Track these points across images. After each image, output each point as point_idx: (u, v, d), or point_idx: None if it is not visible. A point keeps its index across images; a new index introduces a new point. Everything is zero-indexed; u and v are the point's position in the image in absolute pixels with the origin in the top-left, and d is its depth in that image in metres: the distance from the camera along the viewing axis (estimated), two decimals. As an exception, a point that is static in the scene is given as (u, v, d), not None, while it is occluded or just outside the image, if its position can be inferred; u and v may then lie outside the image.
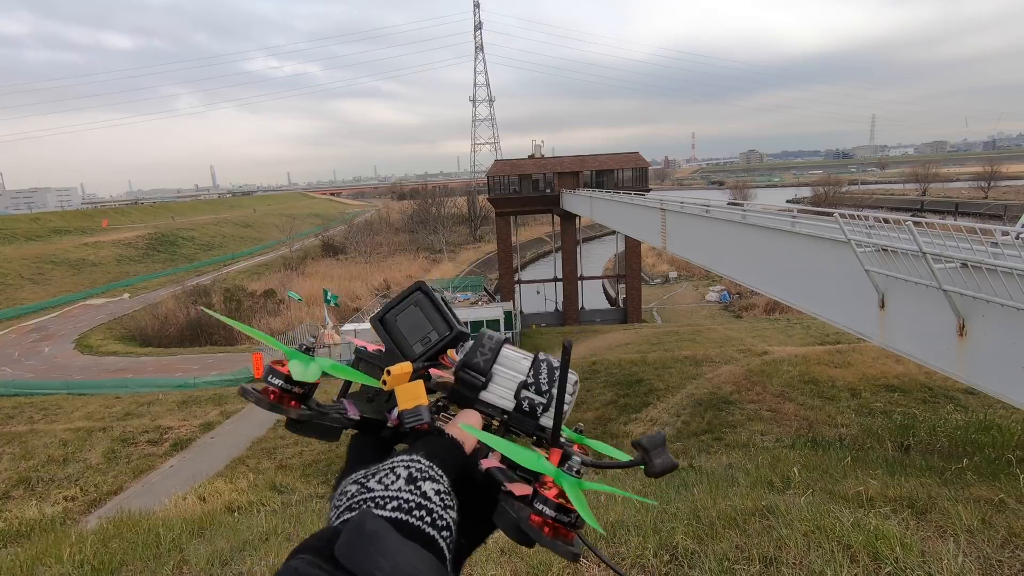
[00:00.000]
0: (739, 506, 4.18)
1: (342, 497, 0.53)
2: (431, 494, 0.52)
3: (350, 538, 0.44)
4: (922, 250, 6.29)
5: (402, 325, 0.73)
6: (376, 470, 0.54)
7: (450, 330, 0.73)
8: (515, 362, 0.72)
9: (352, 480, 0.54)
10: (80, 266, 53.37)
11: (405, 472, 0.53)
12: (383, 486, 0.51)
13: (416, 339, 0.73)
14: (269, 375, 0.63)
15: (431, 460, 0.55)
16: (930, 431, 9.46)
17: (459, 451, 0.61)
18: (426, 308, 0.74)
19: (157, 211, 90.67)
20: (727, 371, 17.57)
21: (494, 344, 0.72)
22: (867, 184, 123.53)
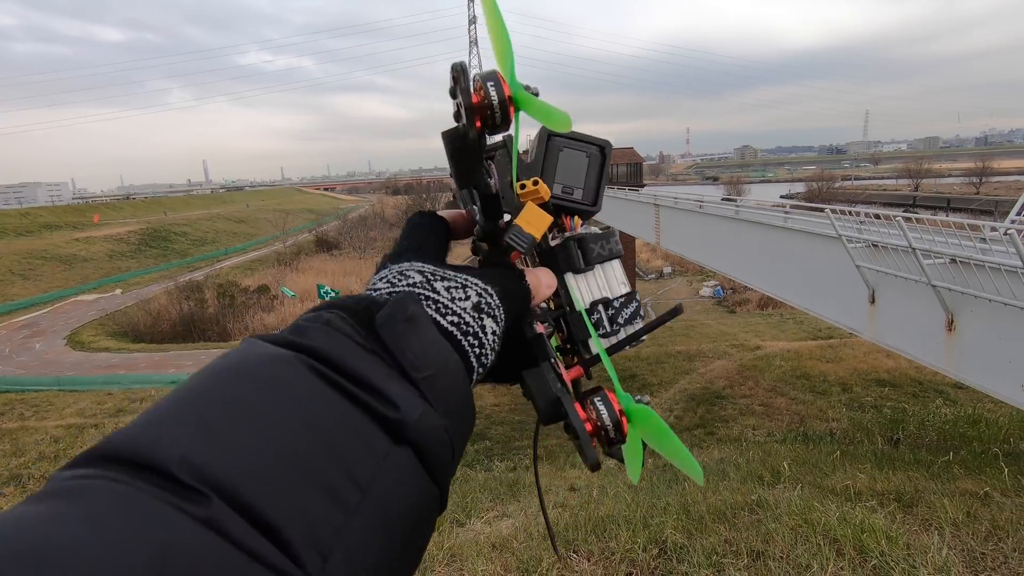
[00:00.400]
0: (729, 500, 4.22)
1: (401, 277, 0.49)
2: (488, 332, 0.48)
3: (392, 312, 0.41)
4: (912, 246, 6.34)
5: (562, 158, 0.65)
6: (447, 276, 0.49)
7: (593, 204, 0.66)
8: (616, 281, 0.66)
9: (418, 268, 0.50)
10: (71, 261, 52.95)
11: (476, 298, 0.49)
12: (449, 297, 0.47)
13: (562, 181, 0.65)
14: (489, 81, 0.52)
15: (501, 300, 0.51)
16: (919, 425, 9.56)
17: (527, 303, 0.56)
18: (592, 165, 0.66)
19: (149, 206, 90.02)
20: (720, 366, 17.67)
21: (615, 248, 0.66)
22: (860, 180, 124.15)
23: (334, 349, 0.36)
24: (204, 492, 0.27)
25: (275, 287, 42.56)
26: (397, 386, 0.37)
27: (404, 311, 0.42)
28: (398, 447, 0.35)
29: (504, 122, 0.54)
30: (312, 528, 0.28)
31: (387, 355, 0.38)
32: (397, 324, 0.40)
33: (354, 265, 55.20)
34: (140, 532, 0.25)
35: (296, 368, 0.34)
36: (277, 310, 39.23)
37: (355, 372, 0.36)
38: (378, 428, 0.35)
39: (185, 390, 0.33)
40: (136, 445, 0.28)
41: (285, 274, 50.66)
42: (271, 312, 39.00)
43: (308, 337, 0.37)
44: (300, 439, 0.31)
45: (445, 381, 0.40)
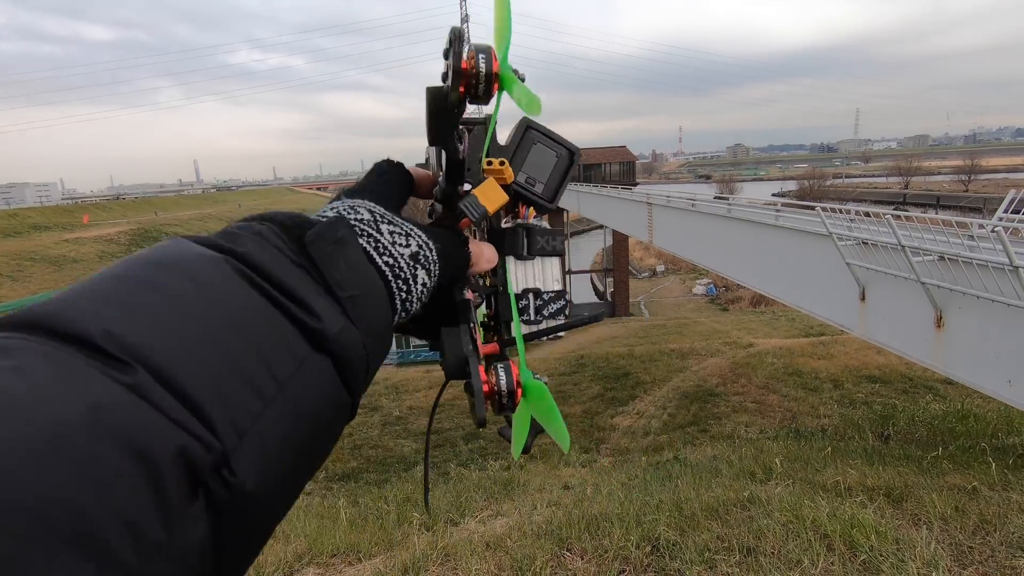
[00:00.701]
0: (721, 497, 4.25)
1: (350, 211, 0.49)
2: (419, 282, 0.50)
3: (322, 231, 0.42)
4: (901, 243, 6.40)
5: (533, 151, 0.68)
6: (393, 220, 0.51)
7: (550, 201, 0.69)
8: (551, 277, 0.69)
9: (369, 208, 0.51)
10: (61, 263, 52.46)
11: (416, 248, 0.50)
12: (391, 240, 0.49)
13: (527, 172, 0.68)
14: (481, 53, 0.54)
15: (439, 257, 0.53)
16: (909, 421, 9.65)
17: (463, 270, 0.59)
18: (559, 166, 0.69)
19: (140, 206, 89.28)
20: (713, 363, 17.76)
21: (557, 247, 0.69)
22: (851, 178, 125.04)
23: (262, 258, 0.38)
24: (129, 363, 0.28)
25: (268, 287, 42.33)
26: (322, 300, 0.38)
27: (334, 232, 0.43)
28: (318, 354, 0.37)
29: (485, 95, 0.56)
30: (231, 409, 0.30)
31: (315, 271, 0.40)
32: (327, 244, 0.42)
33: (347, 265, 54.97)
34: (71, 388, 0.26)
35: (223, 269, 0.35)
36: (270, 310, 39.04)
37: (282, 282, 0.37)
38: (299, 335, 0.36)
39: (109, 273, 0.33)
40: (59, 316, 0.29)
41: (278, 274, 50.39)
42: (264, 312, 38.83)
43: (238, 243, 0.38)
44: (223, 330, 0.32)
45: (368, 303, 0.42)
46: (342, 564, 3.83)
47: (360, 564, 3.78)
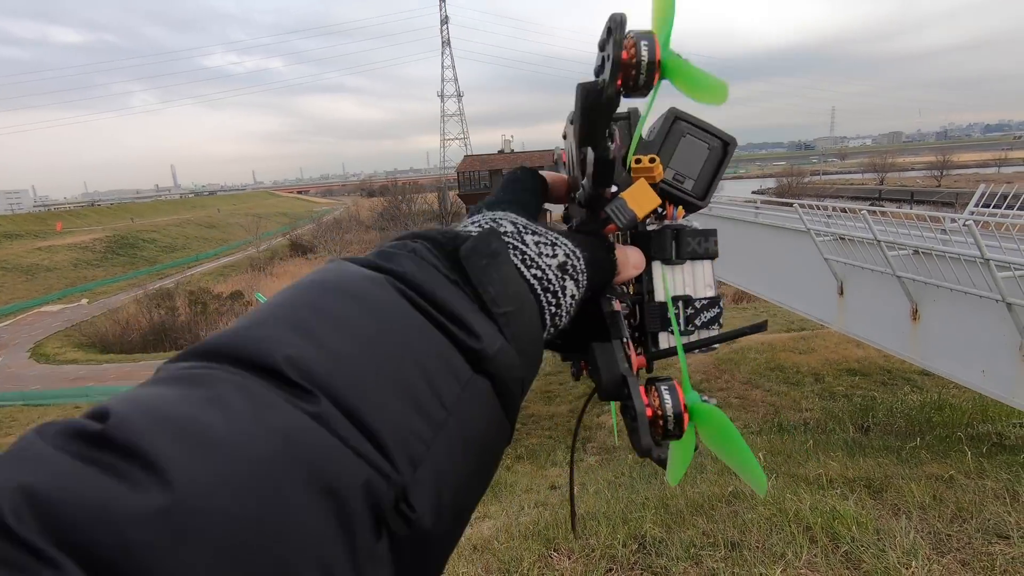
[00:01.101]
0: (706, 493, 4.28)
1: (493, 224, 0.48)
2: (568, 294, 0.47)
3: (476, 246, 0.41)
4: (877, 238, 6.52)
5: (683, 144, 0.62)
6: (537, 230, 0.49)
7: (702, 199, 0.63)
8: (703, 282, 0.63)
9: (512, 220, 0.49)
10: (33, 272, 51.18)
11: (563, 258, 0.48)
12: (538, 251, 0.47)
13: (676, 167, 0.62)
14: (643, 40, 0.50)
15: (587, 266, 0.50)
16: (888, 412, 9.83)
17: (611, 276, 0.55)
18: (711, 159, 0.63)
19: (115, 212, 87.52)
20: (696, 360, 17.92)
21: (711, 249, 0.63)
22: (828, 174, 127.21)
23: (421, 276, 0.37)
24: (312, 391, 0.28)
25: (249, 293, 41.77)
26: (478, 318, 0.37)
27: (488, 246, 0.42)
28: (478, 375, 0.35)
29: (647, 85, 0.52)
30: (406, 438, 0.29)
31: (469, 288, 0.39)
32: (481, 258, 0.41)
33: (330, 269, 54.45)
34: (264, 419, 0.26)
35: (387, 289, 0.35)
36: (251, 316, 38.45)
37: (440, 300, 0.36)
38: (460, 356, 0.35)
39: (280, 300, 0.34)
40: (241, 345, 0.29)
41: (259, 279, 49.74)
42: (245, 318, 38.22)
43: (396, 263, 0.37)
44: (393, 354, 0.32)
45: (522, 321, 0.41)
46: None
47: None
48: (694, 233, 0.62)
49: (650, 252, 0.62)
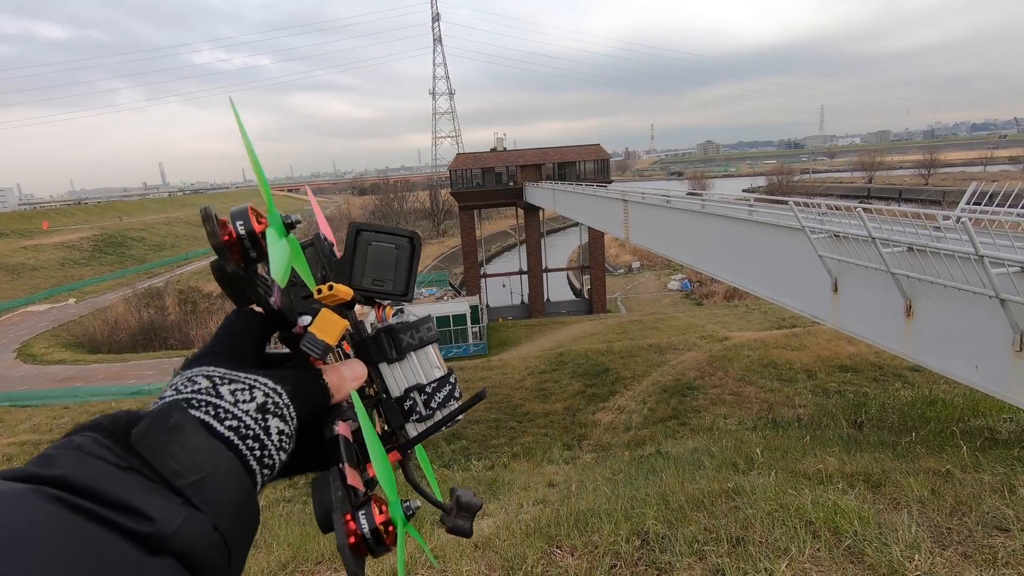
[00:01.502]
0: (706, 489, 4.29)
1: (188, 383, 0.49)
2: (274, 432, 0.49)
3: (151, 424, 0.42)
4: (871, 235, 6.56)
5: (371, 252, 0.68)
6: (236, 378, 0.50)
7: (404, 294, 0.69)
8: (430, 365, 0.69)
9: (207, 373, 0.50)
10: (19, 271, 50.45)
11: (261, 399, 0.50)
12: (233, 400, 0.48)
13: (372, 274, 0.68)
14: (237, 219, 0.58)
15: (291, 399, 0.52)
16: (881, 408, 9.94)
17: (324, 402, 0.59)
18: (401, 257, 0.69)
19: (103, 211, 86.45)
20: (690, 358, 18.01)
21: (427, 336, 0.69)
22: (818, 173, 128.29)
23: (81, 474, 0.37)
24: None
25: (240, 292, 41.36)
26: (154, 499, 0.38)
27: (166, 421, 0.43)
28: (156, 558, 0.36)
29: (261, 254, 0.58)
30: None
31: (147, 469, 0.39)
32: (158, 435, 0.41)
33: (321, 267, 54.10)
34: None
35: (33, 503, 0.34)
36: (242, 315, 38.16)
37: (105, 493, 0.36)
38: (129, 544, 0.35)
39: None
40: None
41: (250, 278, 49.31)
42: (236, 318, 37.91)
43: (54, 466, 0.37)
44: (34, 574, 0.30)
45: (215, 483, 0.41)
46: (328, 571, 3.75)
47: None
48: (406, 327, 0.68)
49: (372, 358, 0.68)
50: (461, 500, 0.65)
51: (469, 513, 0.65)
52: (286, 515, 6.62)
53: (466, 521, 0.65)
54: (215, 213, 0.58)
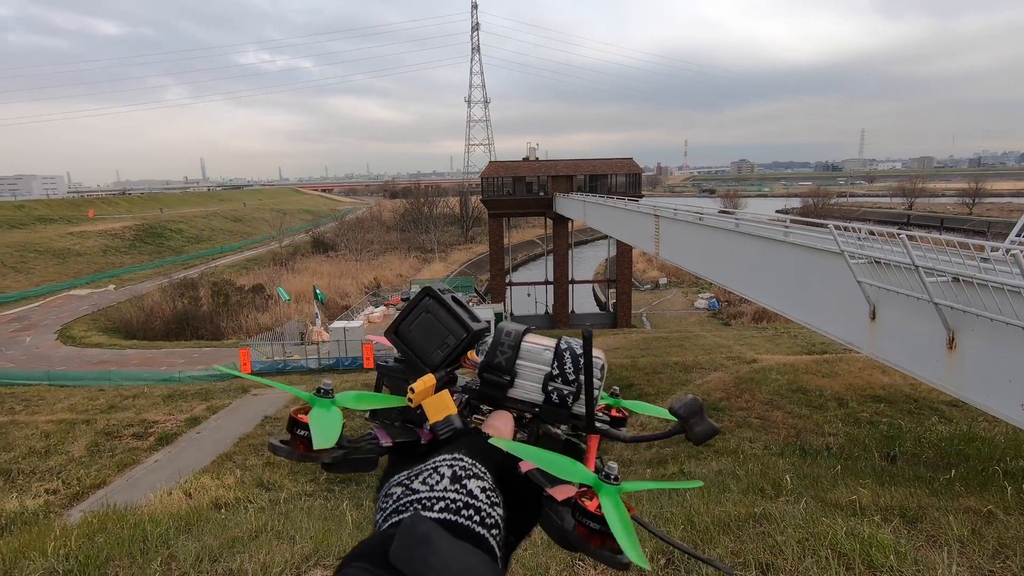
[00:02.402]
0: (733, 512, 4.21)
1: (387, 500, 0.53)
2: (477, 492, 0.51)
3: (403, 542, 0.44)
4: (915, 263, 6.38)
5: (417, 334, 0.72)
6: (419, 470, 0.54)
7: (466, 332, 0.72)
8: (537, 355, 0.71)
9: (396, 482, 0.54)
10: (65, 256, 52.55)
11: (449, 471, 0.53)
12: (428, 487, 0.51)
13: (434, 346, 0.72)
14: (295, 427, 0.62)
15: (473, 457, 0.55)
16: (916, 442, 9.59)
17: (499, 448, 0.61)
18: (438, 313, 0.73)
19: (145, 202, 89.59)
20: (716, 378, 17.69)
21: (513, 340, 0.71)
22: (855, 197, 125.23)
23: None
24: None
25: (270, 287, 42.33)
26: None
27: (413, 534, 0.45)
28: None
29: None
30: None
31: None
32: (412, 551, 0.44)
33: (349, 267, 55.03)
34: None
35: None
36: (271, 310, 39.01)
37: None
38: None
39: None
40: None
41: (280, 274, 50.43)
42: (265, 312, 38.79)
43: None
44: None
45: (477, 566, 0.45)
46: (350, 567, 3.79)
47: (369, 567, 3.74)
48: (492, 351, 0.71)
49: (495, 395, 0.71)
50: (682, 412, 0.66)
51: (699, 414, 0.65)
52: (307, 509, 6.70)
53: (702, 423, 0.65)
54: (277, 442, 0.63)
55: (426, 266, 59.08)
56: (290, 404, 19.20)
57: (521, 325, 0.74)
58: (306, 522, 5.31)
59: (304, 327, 31.74)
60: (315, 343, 27.94)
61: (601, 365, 0.71)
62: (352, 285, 48.70)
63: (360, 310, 37.94)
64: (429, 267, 58.43)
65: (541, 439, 0.72)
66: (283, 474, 12.96)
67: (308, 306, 34.83)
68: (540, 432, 0.72)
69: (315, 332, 29.38)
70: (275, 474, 13.24)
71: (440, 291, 0.75)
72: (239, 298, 40.36)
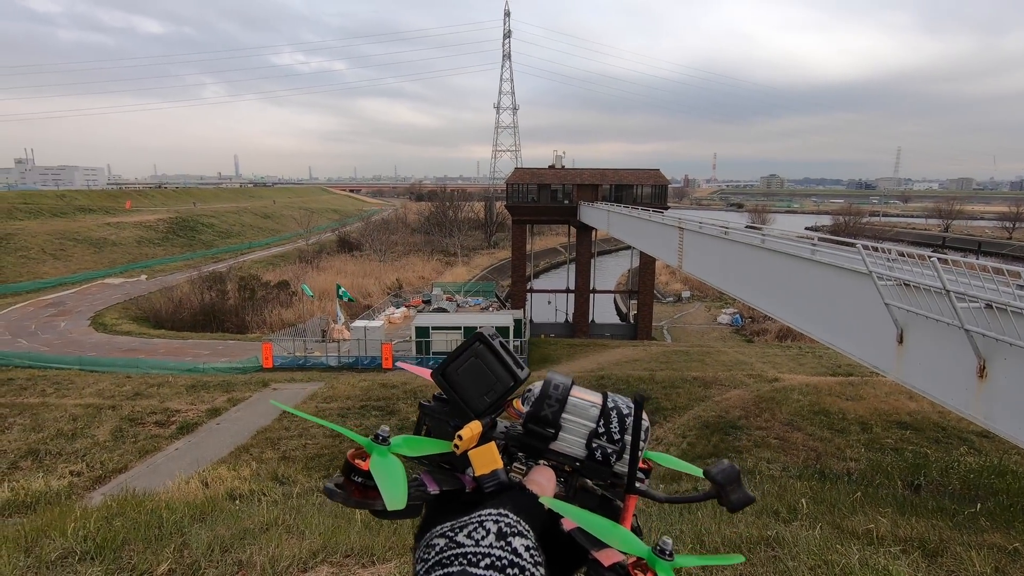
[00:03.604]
0: (744, 534, 4.13)
1: (429, 550, 0.53)
2: (521, 550, 0.52)
3: None
4: (945, 287, 6.19)
5: (464, 378, 0.72)
6: (464, 523, 0.54)
7: (514, 381, 0.73)
8: (584, 410, 0.71)
9: (439, 533, 0.55)
10: (101, 245, 54.33)
11: (495, 527, 0.53)
12: (473, 541, 0.52)
13: (480, 392, 0.72)
14: (351, 472, 0.63)
15: (518, 514, 0.56)
16: (942, 472, 9.27)
17: (541, 506, 0.61)
18: (487, 359, 0.73)
19: (179, 196, 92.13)
20: (736, 395, 17.38)
21: (560, 394, 0.71)
22: (888, 216, 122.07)
23: None
24: None
25: (295, 284, 43.05)
26: None
27: None
28: None
29: None
30: None
31: None
32: None
33: (373, 267, 55.68)
34: None
35: None
36: (295, 306, 39.68)
37: None
38: None
39: None
40: None
41: (306, 271, 51.26)
42: (289, 308, 39.46)
43: None
44: None
45: None
46: (356, 565, 3.81)
47: (374, 567, 3.76)
48: (540, 403, 0.71)
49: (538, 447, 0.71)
50: (720, 479, 0.66)
51: (736, 482, 0.66)
52: (318, 505, 6.77)
53: (739, 491, 0.65)
54: (332, 486, 0.65)
55: (448, 269, 59.41)
56: (308, 400, 19.46)
57: (568, 377, 0.74)
58: (316, 518, 5.36)
59: (326, 324, 32.20)
60: (336, 341, 28.31)
61: (646, 428, 0.71)
62: (375, 285, 49.24)
63: (381, 310, 38.34)
64: (451, 270, 58.73)
65: (578, 493, 0.72)
66: (297, 469, 13.12)
67: (331, 304, 35.31)
68: (578, 485, 0.73)
69: (336, 330, 29.77)
70: (290, 468, 13.41)
71: (490, 336, 0.75)
72: (264, 293, 41.15)
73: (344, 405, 18.55)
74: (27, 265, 45.88)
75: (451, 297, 40.79)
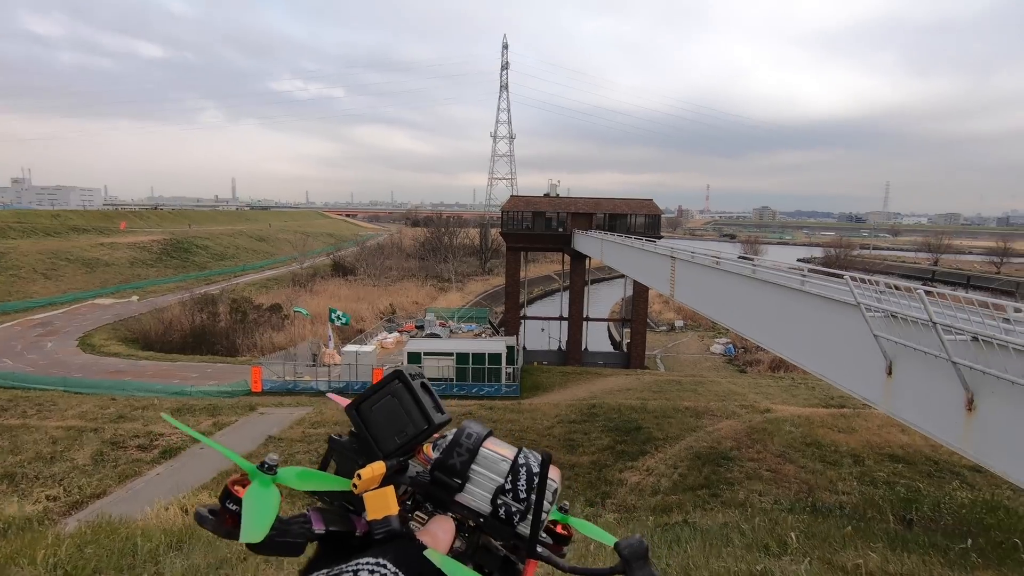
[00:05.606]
0: (733, 568, 4.05)
1: None
2: None
3: None
4: (932, 320, 6.23)
5: (378, 415, 0.70)
6: (341, 571, 0.53)
7: (427, 424, 0.70)
8: (493, 464, 0.69)
9: None
10: (93, 265, 54.01)
11: None
12: None
13: (392, 431, 0.70)
14: (227, 499, 0.60)
15: (398, 566, 0.54)
16: (934, 507, 9.17)
17: (426, 560, 0.59)
18: (403, 399, 0.71)
19: (175, 218, 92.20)
20: (728, 426, 17.26)
21: (472, 444, 0.69)
22: (879, 249, 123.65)
23: None
24: None
25: (288, 307, 42.82)
26: None
27: None
28: None
29: None
30: None
31: None
32: None
33: (367, 292, 55.54)
34: None
35: None
36: (287, 329, 39.38)
37: None
38: None
39: None
40: None
41: (299, 295, 51.05)
42: (281, 331, 39.15)
43: None
44: None
45: None
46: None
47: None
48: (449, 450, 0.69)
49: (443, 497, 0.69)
50: (627, 554, 0.65)
51: (643, 560, 0.64)
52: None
53: (644, 569, 0.64)
54: (205, 512, 0.61)
55: (443, 295, 59.35)
56: (295, 425, 19.15)
57: (484, 428, 0.71)
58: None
59: (317, 348, 31.91)
60: (327, 365, 28.03)
61: (555, 489, 0.69)
62: (368, 310, 49.04)
63: (374, 335, 38.10)
64: (445, 296, 58.67)
65: (479, 551, 0.69)
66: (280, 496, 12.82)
67: (323, 327, 35.10)
68: (480, 543, 0.70)
69: (327, 354, 29.51)
70: (274, 496, 13.11)
71: (411, 376, 0.73)
72: (256, 316, 40.87)
73: (332, 431, 18.23)
74: (17, 284, 45.47)
75: (444, 323, 40.63)
